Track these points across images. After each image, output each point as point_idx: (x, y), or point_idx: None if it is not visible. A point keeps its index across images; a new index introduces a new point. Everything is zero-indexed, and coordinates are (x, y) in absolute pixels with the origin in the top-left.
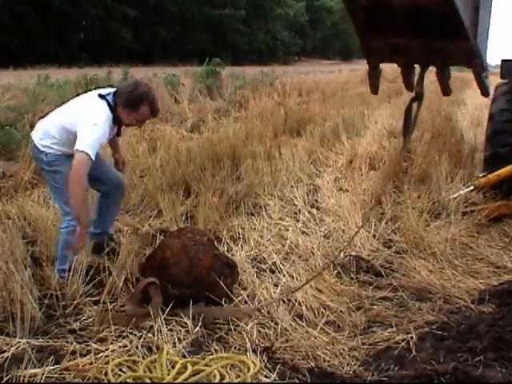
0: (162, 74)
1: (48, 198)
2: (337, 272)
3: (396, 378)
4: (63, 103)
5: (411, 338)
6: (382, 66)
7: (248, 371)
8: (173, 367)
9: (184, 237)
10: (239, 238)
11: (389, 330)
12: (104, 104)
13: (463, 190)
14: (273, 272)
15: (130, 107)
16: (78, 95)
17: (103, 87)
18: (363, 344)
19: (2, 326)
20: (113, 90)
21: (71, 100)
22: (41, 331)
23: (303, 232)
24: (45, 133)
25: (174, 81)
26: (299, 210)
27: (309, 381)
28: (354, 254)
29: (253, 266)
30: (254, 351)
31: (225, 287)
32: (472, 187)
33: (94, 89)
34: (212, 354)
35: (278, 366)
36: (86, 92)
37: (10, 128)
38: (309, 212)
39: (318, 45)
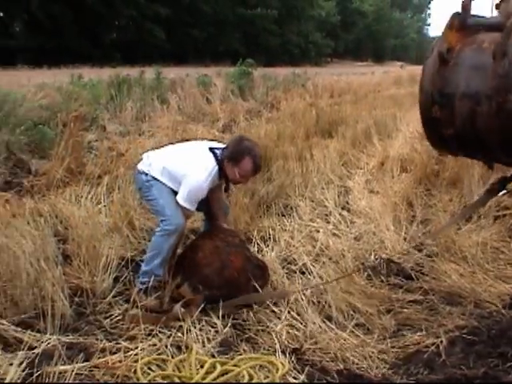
0: (195, 74)
1: (80, 197)
2: (367, 274)
3: (425, 382)
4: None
5: (441, 342)
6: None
7: (277, 372)
8: (202, 367)
9: (216, 238)
10: (270, 238)
11: (418, 334)
12: (212, 160)
13: None
14: (303, 273)
15: (233, 161)
16: (112, 97)
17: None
18: (392, 347)
19: (33, 323)
20: (224, 145)
21: (186, 144)
22: (71, 328)
23: (334, 234)
24: (153, 165)
25: (207, 81)
26: (330, 212)
27: (337, 382)
28: (384, 256)
29: (283, 267)
30: (283, 352)
31: (256, 289)
32: (504, 191)
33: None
34: (241, 355)
35: (307, 368)
36: (119, 88)
37: (43, 126)
38: (339, 214)
39: (351, 46)
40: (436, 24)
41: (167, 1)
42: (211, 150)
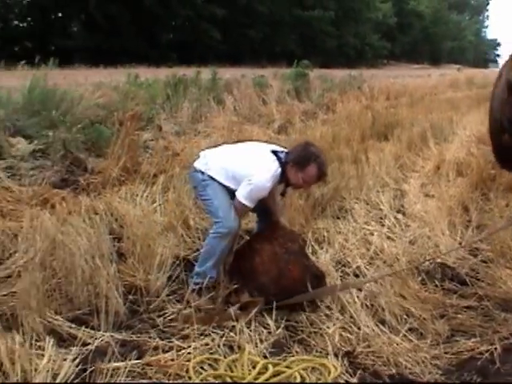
0: (251, 75)
1: (135, 195)
2: (421, 279)
3: None
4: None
5: (495, 349)
6: (472, 71)
7: (329, 375)
8: (254, 367)
9: (275, 242)
10: (324, 241)
11: (472, 340)
12: (276, 162)
13: None
14: (357, 276)
15: (298, 165)
16: (168, 97)
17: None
18: (446, 353)
19: (87, 319)
20: (284, 149)
21: (246, 144)
22: (124, 326)
23: (388, 237)
24: (211, 164)
25: (263, 82)
26: (385, 215)
27: None
28: (439, 261)
29: (337, 270)
30: (336, 355)
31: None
32: None
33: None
34: (293, 356)
35: (359, 371)
36: (175, 88)
37: (99, 125)
38: (394, 217)
39: (407, 48)
40: (494, 26)
41: (223, 1)
42: (274, 152)
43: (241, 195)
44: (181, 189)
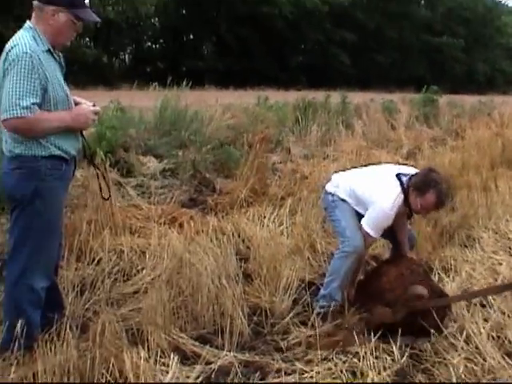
0: (379, 100)
1: (262, 217)
2: None
3: None
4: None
5: None
6: None
7: None
8: None
9: (401, 265)
10: (451, 269)
11: None
12: (398, 188)
13: None
14: (483, 306)
15: (418, 191)
16: (297, 120)
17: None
18: None
19: (212, 338)
20: (413, 171)
21: (375, 168)
22: (248, 346)
23: None
24: (341, 186)
25: (391, 107)
26: None
27: None
28: None
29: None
30: None
31: (433, 322)
32: None
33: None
34: None
35: None
36: (304, 111)
37: (228, 146)
38: None
39: None
40: None
41: (353, 26)
42: (398, 176)
43: (366, 224)
44: (308, 212)
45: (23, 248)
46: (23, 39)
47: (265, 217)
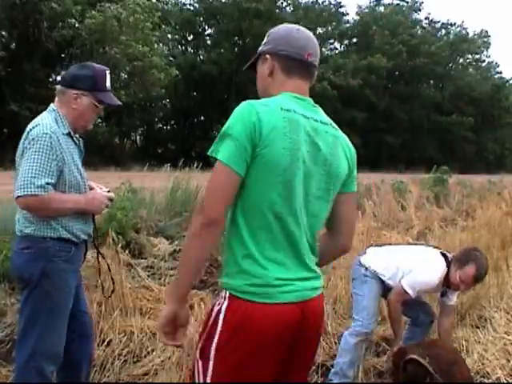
0: (389, 180)
1: None
2: None
3: None
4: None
5: None
6: None
7: None
8: None
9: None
10: (462, 350)
11: None
12: (444, 263)
13: None
14: None
15: (459, 263)
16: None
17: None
18: None
19: None
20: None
21: (418, 246)
22: None
23: None
24: (377, 259)
25: (402, 187)
26: None
27: None
28: None
29: (476, 380)
30: None
31: None
32: None
33: None
34: None
35: None
36: None
37: None
38: None
39: None
40: None
41: (363, 106)
42: (442, 253)
43: (405, 283)
44: None
45: (33, 329)
46: (45, 120)
47: None
